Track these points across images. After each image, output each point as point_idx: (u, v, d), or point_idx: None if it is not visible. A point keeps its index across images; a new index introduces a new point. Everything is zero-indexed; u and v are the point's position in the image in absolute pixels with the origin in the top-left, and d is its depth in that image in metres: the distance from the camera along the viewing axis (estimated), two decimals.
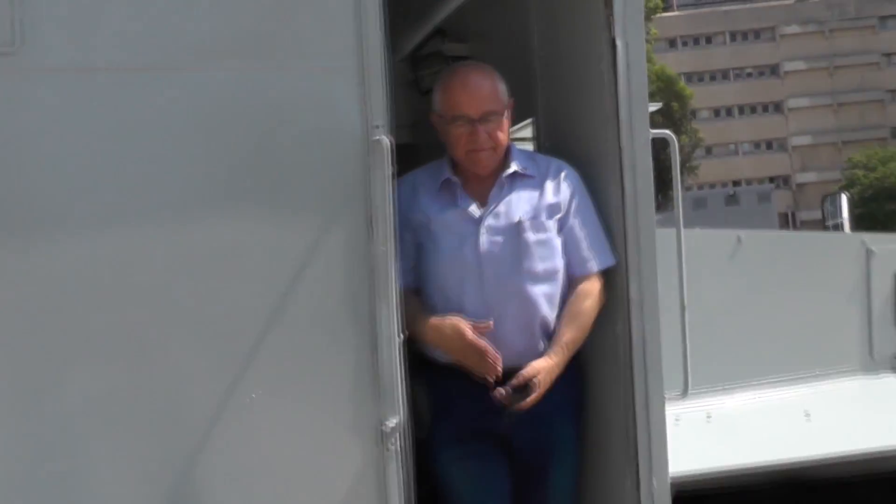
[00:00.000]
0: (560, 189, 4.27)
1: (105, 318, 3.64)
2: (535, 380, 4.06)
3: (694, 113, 73.11)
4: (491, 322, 4.01)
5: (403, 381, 3.88)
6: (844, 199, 8.23)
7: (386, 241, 3.84)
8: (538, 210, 4.22)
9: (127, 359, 3.66)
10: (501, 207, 4.21)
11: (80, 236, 3.62)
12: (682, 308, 4.53)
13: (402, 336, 3.91)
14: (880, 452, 4.91)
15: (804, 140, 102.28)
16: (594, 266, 4.25)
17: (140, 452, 3.67)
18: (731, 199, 78.53)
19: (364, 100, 3.85)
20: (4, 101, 3.58)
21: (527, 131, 5.00)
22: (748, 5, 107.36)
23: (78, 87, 3.64)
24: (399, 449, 3.86)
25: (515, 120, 4.72)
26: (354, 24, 3.85)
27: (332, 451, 3.85)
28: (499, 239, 4.17)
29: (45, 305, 3.58)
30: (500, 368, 3.98)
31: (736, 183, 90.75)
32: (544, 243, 4.19)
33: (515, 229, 4.16)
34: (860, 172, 73.93)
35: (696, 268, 4.67)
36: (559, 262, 4.21)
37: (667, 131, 4.57)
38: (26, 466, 3.57)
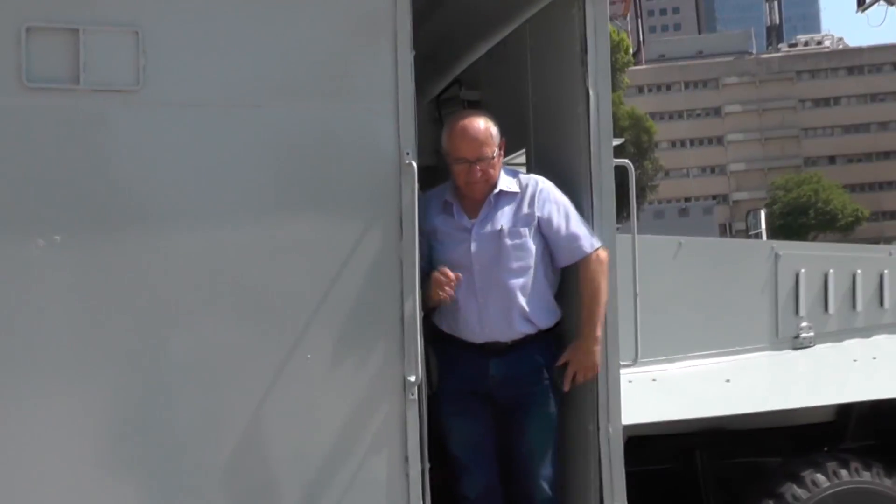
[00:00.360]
0: (534, 202, 4.20)
1: (202, 296, 3.68)
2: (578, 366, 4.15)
3: (656, 144, 72.57)
4: (459, 275, 4.01)
5: (422, 348, 3.90)
6: (762, 214, 8.13)
7: (412, 240, 3.87)
8: (516, 221, 4.19)
9: (217, 328, 3.69)
10: (488, 220, 4.20)
11: (187, 236, 3.66)
12: (635, 296, 4.47)
13: (422, 313, 3.93)
14: (782, 409, 4.93)
15: (739, 167, 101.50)
16: (580, 253, 4.18)
17: (226, 400, 3.70)
18: (683, 212, 78.25)
19: (398, 133, 3.86)
20: (129, 129, 3.62)
21: (521, 158, 4.97)
22: (698, 61, 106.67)
23: (184, 120, 3.67)
24: (417, 398, 3.88)
25: (513, 149, 4.71)
26: (392, 77, 3.87)
27: (369, 398, 3.85)
28: (485, 244, 4.16)
29: (164, 284, 3.62)
30: (449, 290, 3.98)
31: (687, 199, 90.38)
32: (519, 247, 4.17)
33: (498, 236, 4.16)
34: (781, 192, 73.35)
35: (647, 265, 4.60)
36: (531, 261, 4.17)
37: (626, 161, 4.52)
38: (136, 412, 3.61)
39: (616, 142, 4.49)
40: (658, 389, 4.76)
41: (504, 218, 4.20)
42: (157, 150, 3.63)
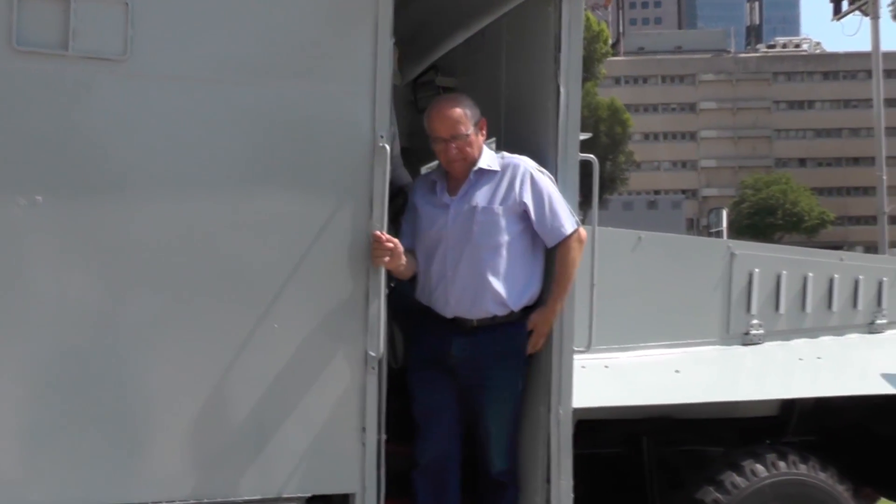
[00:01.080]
0: (516, 184, 4.28)
1: (177, 263, 3.76)
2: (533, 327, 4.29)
3: (630, 136, 72.68)
4: (396, 241, 4.03)
5: (384, 324, 4.01)
6: (724, 213, 8.23)
7: (381, 220, 3.96)
8: (492, 199, 4.28)
9: (190, 294, 3.77)
10: (466, 197, 4.30)
11: (164, 204, 3.73)
12: (592, 285, 4.54)
13: (387, 289, 4.04)
14: (727, 401, 5.06)
15: (710, 163, 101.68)
16: (561, 234, 4.29)
17: (195, 361, 3.78)
18: (652, 205, 78.31)
19: (374, 116, 3.97)
20: (114, 98, 3.68)
21: (492, 146, 5.05)
22: (676, 56, 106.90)
23: (168, 92, 3.74)
24: (377, 371, 3.99)
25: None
26: (371, 61, 3.96)
27: (331, 370, 3.95)
28: (459, 220, 4.28)
29: (140, 249, 3.70)
30: (385, 258, 3.98)
31: (656, 192, 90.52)
32: (491, 224, 4.26)
33: (471, 213, 4.27)
34: (749, 192, 73.54)
35: (606, 256, 4.67)
36: (502, 239, 4.26)
37: (591, 156, 4.61)
38: (104, 373, 3.68)
39: (583, 136, 4.60)
40: (609, 376, 4.84)
41: (481, 196, 4.30)
42: (139, 119, 3.69)
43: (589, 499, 4.62)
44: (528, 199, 4.29)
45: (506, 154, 4.45)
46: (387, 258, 3.99)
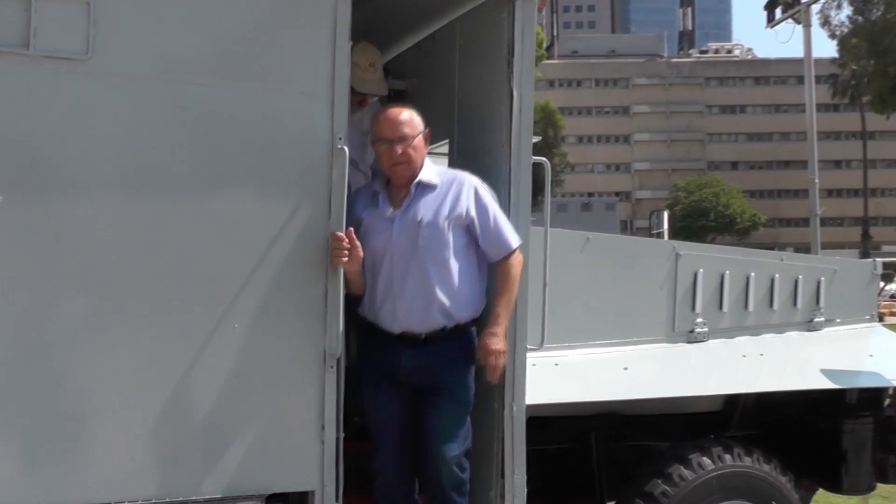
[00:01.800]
0: (459, 199, 4.30)
1: (137, 263, 3.73)
2: (491, 353, 4.21)
3: (563, 139, 73.15)
4: (357, 243, 4.06)
5: (343, 323, 4.03)
6: (665, 215, 8.31)
7: (340, 221, 3.99)
8: (436, 214, 4.28)
9: (150, 294, 3.75)
10: (409, 211, 4.29)
11: (124, 204, 3.71)
12: (545, 284, 4.61)
13: (345, 290, 4.06)
14: (673, 397, 5.19)
15: (644, 166, 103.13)
16: (507, 248, 4.31)
17: (154, 360, 3.76)
18: (586, 207, 78.83)
19: (332, 118, 3.99)
20: (75, 97, 3.66)
21: (445, 148, 5.10)
22: (610, 60, 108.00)
23: (129, 91, 3.72)
24: (335, 370, 4.02)
25: (437, 139, 4.83)
26: (330, 63, 3.99)
27: (290, 368, 3.98)
28: (404, 234, 4.27)
29: (100, 249, 3.67)
30: (343, 258, 4.00)
31: (590, 194, 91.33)
32: (437, 238, 4.27)
33: (416, 227, 4.26)
34: (682, 194, 74.57)
35: (557, 257, 4.73)
36: (448, 252, 4.27)
37: (543, 158, 4.69)
38: (59, 371, 3.64)
39: (534, 139, 4.68)
40: (560, 373, 4.89)
41: (425, 209, 4.30)
42: (100, 119, 3.67)
43: (541, 494, 4.71)
44: (473, 213, 4.32)
45: (447, 169, 4.51)
46: (345, 258, 4.02)
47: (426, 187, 4.35)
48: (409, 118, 4.33)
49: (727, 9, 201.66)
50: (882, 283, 7.60)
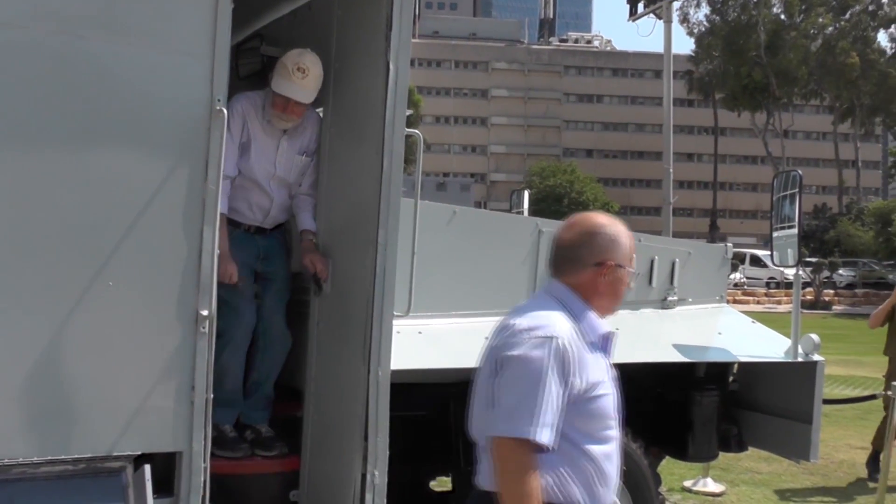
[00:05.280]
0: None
1: (9, 220, 3.69)
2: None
3: (421, 118, 73.26)
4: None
5: (216, 284, 4.08)
6: (526, 194, 8.57)
7: (216, 182, 4.03)
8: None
9: (24, 252, 3.71)
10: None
11: None
12: (413, 254, 4.74)
13: (218, 251, 4.11)
14: None
15: (500, 149, 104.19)
16: None
17: (26, 318, 3.72)
18: (441, 187, 79.13)
19: (211, 79, 4.01)
20: None
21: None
22: (471, 43, 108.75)
23: (3, 43, 3.63)
24: (207, 331, 4.05)
25: (313, 107, 5.05)
26: (211, 24, 4.00)
27: (163, 328, 3.99)
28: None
29: None
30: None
31: (446, 175, 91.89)
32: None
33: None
34: (537, 179, 75.48)
35: (425, 227, 4.86)
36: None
37: (416, 130, 4.83)
38: None
39: (407, 112, 4.82)
40: (422, 341, 5.04)
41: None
42: None
43: (401, 458, 4.81)
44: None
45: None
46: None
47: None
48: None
49: (588, 0, 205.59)
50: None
